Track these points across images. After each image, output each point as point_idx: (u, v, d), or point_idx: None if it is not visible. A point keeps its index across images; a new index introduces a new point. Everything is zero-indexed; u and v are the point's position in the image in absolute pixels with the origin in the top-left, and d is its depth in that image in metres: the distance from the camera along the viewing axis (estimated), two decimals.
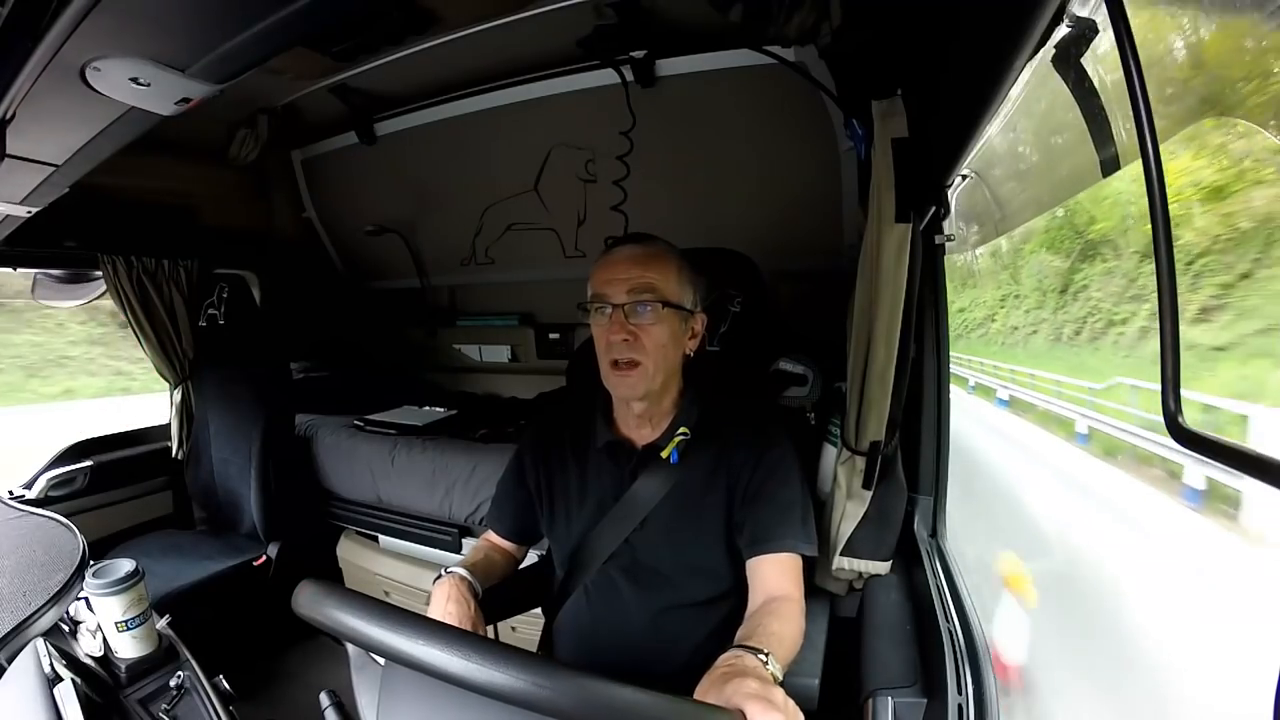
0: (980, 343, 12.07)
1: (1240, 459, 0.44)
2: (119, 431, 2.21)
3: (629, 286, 0.91)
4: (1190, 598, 3.14)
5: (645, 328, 0.91)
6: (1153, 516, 4.15)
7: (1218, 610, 2.97)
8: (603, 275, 0.93)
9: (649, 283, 0.91)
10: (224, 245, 2.29)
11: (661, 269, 0.93)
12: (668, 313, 0.92)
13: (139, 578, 0.99)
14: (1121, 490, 4.71)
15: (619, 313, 0.91)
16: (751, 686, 0.59)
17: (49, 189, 1.03)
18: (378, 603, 0.56)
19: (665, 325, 0.92)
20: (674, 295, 0.93)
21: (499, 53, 1.70)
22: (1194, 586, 3.26)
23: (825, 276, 1.68)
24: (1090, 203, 8.59)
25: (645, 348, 0.91)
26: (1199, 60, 0.75)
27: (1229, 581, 3.22)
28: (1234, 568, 3.37)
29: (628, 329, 0.91)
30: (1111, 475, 5.13)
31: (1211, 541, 3.61)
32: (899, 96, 0.97)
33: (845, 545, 1.13)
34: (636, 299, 0.91)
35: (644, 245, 0.96)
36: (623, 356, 0.92)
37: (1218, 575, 3.36)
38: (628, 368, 0.92)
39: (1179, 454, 3.90)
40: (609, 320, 0.92)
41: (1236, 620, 2.78)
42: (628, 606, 0.97)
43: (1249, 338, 4.25)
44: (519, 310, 2.47)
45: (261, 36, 0.59)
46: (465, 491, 1.82)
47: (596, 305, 0.93)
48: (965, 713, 0.76)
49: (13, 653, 0.88)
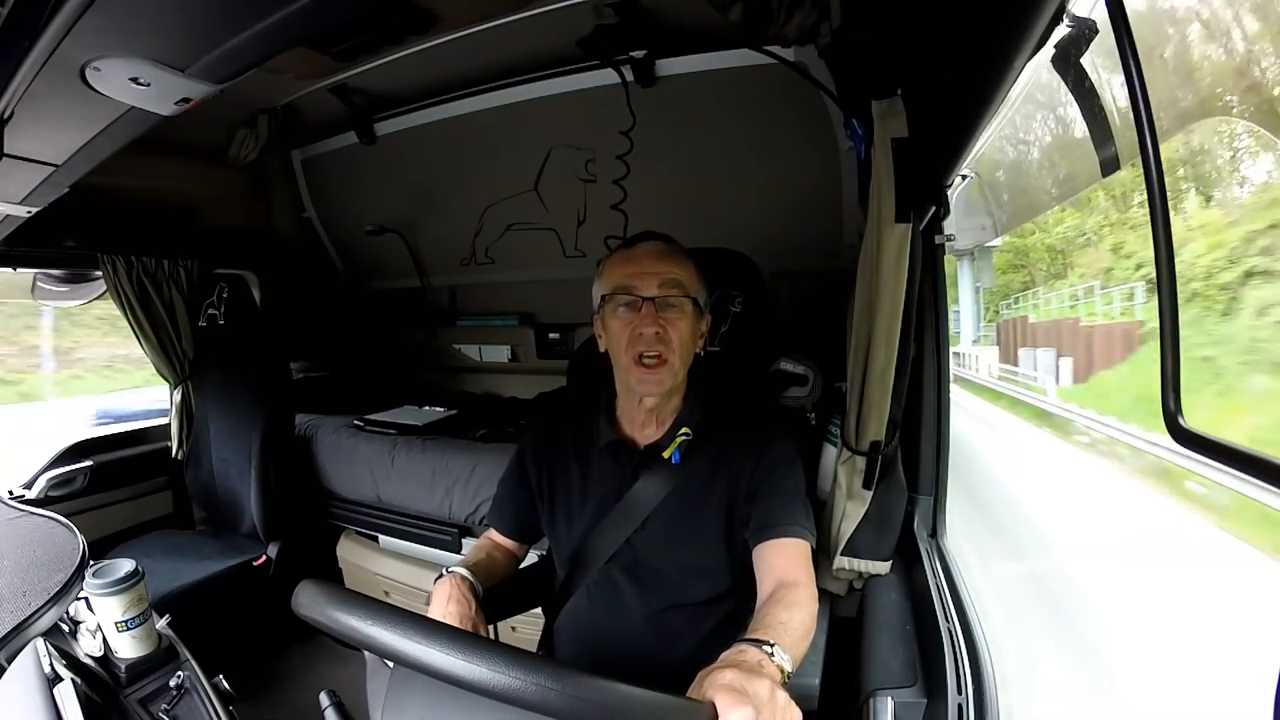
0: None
1: (1240, 459, 0.44)
2: (119, 431, 2.21)
3: (660, 280, 0.92)
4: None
5: (674, 322, 0.92)
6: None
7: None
8: (629, 269, 0.93)
9: (677, 277, 0.93)
10: (224, 245, 2.29)
11: (685, 266, 0.95)
12: (691, 309, 0.94)
13: (139, 578, 0.99)
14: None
15: (650, 305, 0.91)
16: (726, 678, 0.58)
17: (49, 189, 1.03)
18: (378, 603, 0.56)
19: (689, 321, 0.94)
20: (695, 291, 0.95)
21: (499, 53, 1.70)
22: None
23: (825, 276, 1.68)
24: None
25: (672, 342, 0.92)
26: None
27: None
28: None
29: (659, 321, 0.91)
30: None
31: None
32: (899, 96, 0.97)
33: (845, 545, 1.13)
34: (667, 293, 0.92)
35: (665, 242, 0.98)
36: (652, 350, 0.92)
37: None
38: (656, 363, 0.92)
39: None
40: (638, 314, 0.92)
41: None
42: (629, 606, 0.97)
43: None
44: (519, 310, 2.46)
45: (261, 36, 0.59)
46: (465, 491, 1.82)
47: (624, 299, 0.93)
48: (965, 713, 0.76)
49: (13, 653, 0.87)
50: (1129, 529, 3.87)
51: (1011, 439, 6.56)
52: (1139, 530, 3.80)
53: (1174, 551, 3.44)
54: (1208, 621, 2.71)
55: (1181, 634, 2.69)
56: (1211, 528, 3.38)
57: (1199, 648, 2.52)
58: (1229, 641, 2.46)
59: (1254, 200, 5.05)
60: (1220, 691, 2.14)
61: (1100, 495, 4.48)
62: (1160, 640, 2.67)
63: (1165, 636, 2.69)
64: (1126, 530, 3.85)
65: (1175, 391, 0.50)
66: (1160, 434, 3.93)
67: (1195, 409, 0.49)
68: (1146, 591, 3.02)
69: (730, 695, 0.55)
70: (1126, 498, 4.17)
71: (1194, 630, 2.69)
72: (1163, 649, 2.61)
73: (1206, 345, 3.71)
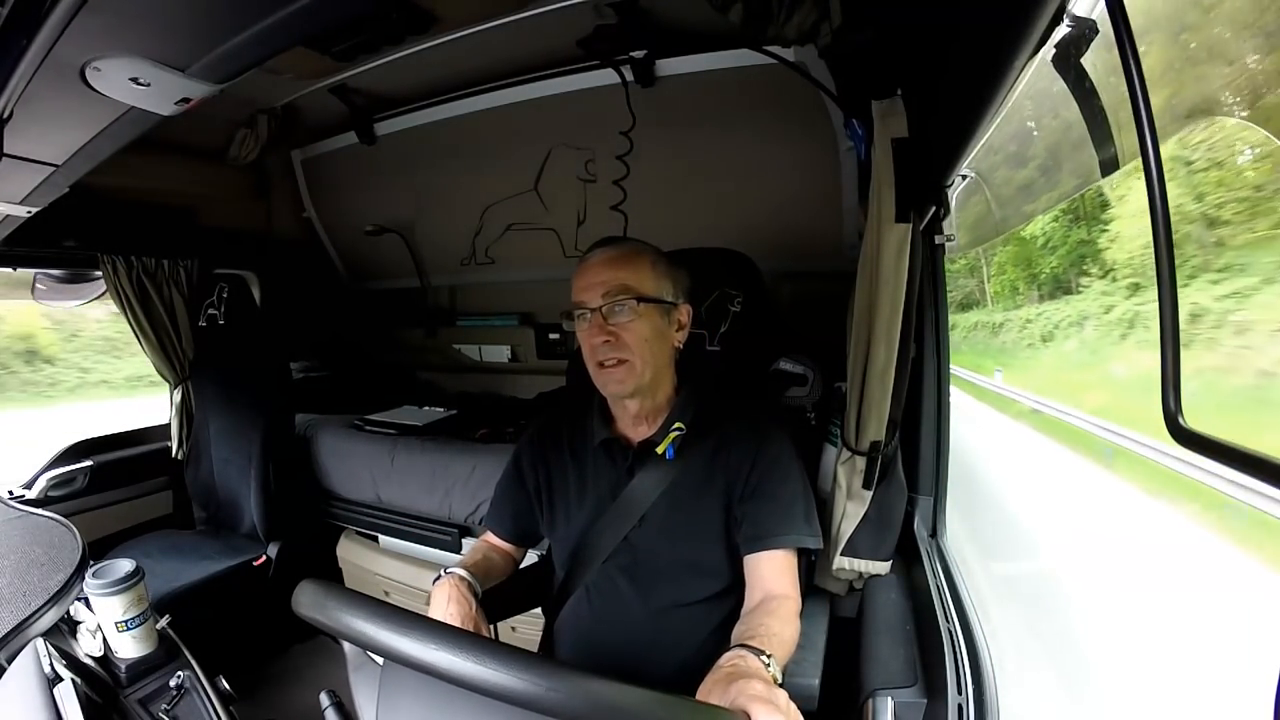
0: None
1: (1240, 459, 0.44)
2: (119, 431, 2.21)
3: (604, 290, 0.93)
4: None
5: (625, 325, 0.93)
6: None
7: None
8: (578, 283, 0.96)
9: (622, 282, 0.93)
10: (224, 245, 2.29)
11: (634, 267, 0.94)
12: (646, 308, 0.93)
13: (139, 578, 0.99)
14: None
15: (597, 315, 0.93)
16: (757, 689, 0.60)
17: (49, 189, 1.03)
18: (378, 603, 0.56)
19: (646, 321, 0.94)
20: (650, 290, 0.94)
21: (499, 53, 1.70)
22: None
23: (825, 276, 1.67)
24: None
25: (629, 345, 0.93)
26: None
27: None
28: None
29: (607, 330, 0.93)
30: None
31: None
32: (899, 96, 0.97)
33: (845, 545, 1.13)
34: (613, 300, 0.92)
35: (614, 247, 0.97)
36: (607, 357, 0.93)
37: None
38: (614, 366, 0.93)
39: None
40: (589, 325, 0.94)
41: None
42: (628, 606, 0.97)
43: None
44: (519, 310, 2.46)
45: (261, 36, 0.59)
46: (465, 491, 1.82)
47: (578, 313, 0.95)
48: (965, 713, 0.76)
49: (13, 653, 0.88)
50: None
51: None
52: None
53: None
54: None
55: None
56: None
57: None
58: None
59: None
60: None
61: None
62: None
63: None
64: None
65: (1175, 391, 0.50)
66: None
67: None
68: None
69: (765, 706, 0.57)
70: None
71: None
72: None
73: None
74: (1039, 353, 4.68)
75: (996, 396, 4.82)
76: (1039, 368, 4.86)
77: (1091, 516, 2.92)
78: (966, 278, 5.32)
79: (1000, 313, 5.36)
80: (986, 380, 5.19)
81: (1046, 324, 4.41)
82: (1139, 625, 1.95)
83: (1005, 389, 4.87)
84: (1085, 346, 3.95)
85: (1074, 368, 4.20)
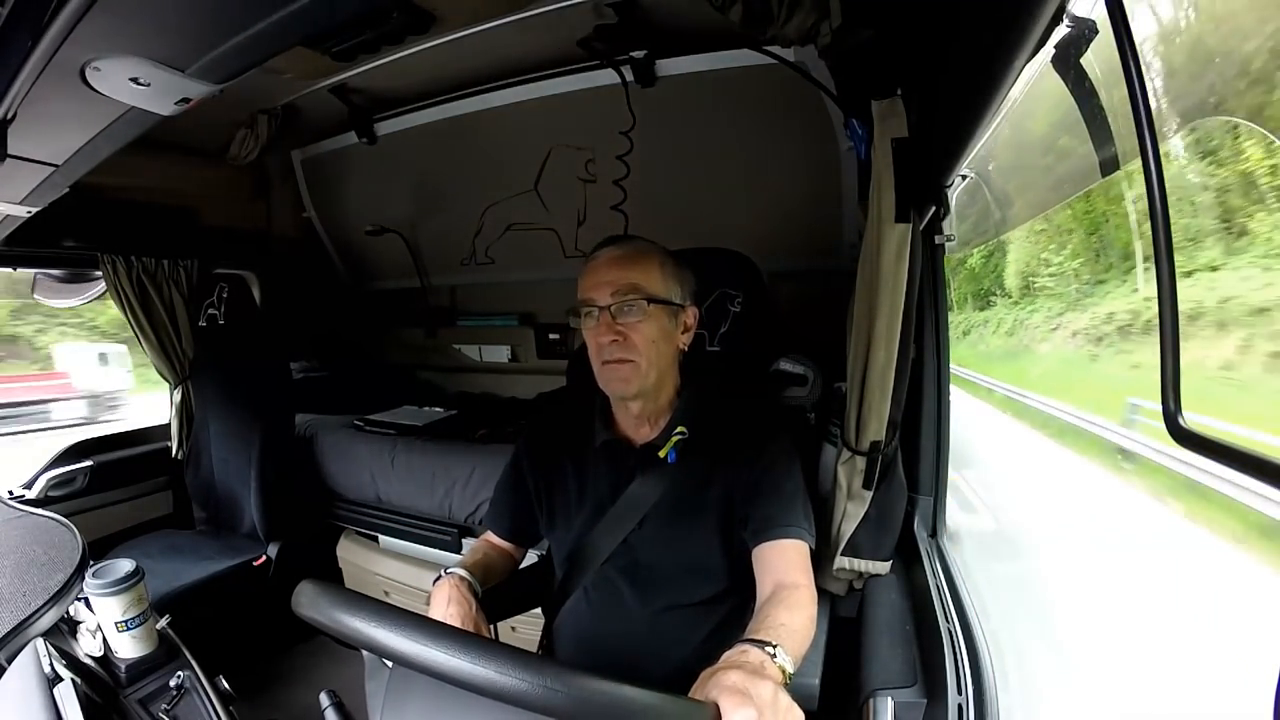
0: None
1: (1240, 459, 0.44)
2: (119, 431, 2.21)
3: (613, 289, 0.92)
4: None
5: (633, 326, 0.92)
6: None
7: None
8: (587, 281, 0.95)
9: (632, 282, 0.92)
10: (224, 245, 2.29)
11: (643, 267, 0.94)
12: (654, 309, 0.93)
13: (139, 578, 0.99)
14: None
15: (606, 314, 0.92)
16: (731, 679, 0.58)
17: (49, 189, 1.03)
18: (378, 603, 0.56)
19: (654, 322, 0.93)
20: (659, 291, 0.94)
21: (499, 53, 1.69)
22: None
23: (825, 276, 1.68)
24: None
25: (636, 345, 0.92)
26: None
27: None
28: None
29: (615, 329, 0.92)
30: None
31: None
32: (899, 96, 0.97)
33: (846, 545, 1.12)
34: (622, 300, 0.92)
35: (624, 246, 0.97)
36: (614, 356, 0.93)
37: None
38: (619, 365, 0.93)
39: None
40: (597, 323, 0.93)
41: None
42: (627, 606, 0.97)
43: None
44: (519, 310, 2.46)
45: (261, 36, 0.59)
46: (465, 492, 1.82)
47: (585, 310, 0.94)
48: (965, 713, 0.76)
49: (13, 653, 0.88)
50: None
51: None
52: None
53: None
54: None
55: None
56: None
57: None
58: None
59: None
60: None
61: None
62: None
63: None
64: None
65: (1175, 391, 0.49)
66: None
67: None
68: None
69: (734, 697, 0.56)
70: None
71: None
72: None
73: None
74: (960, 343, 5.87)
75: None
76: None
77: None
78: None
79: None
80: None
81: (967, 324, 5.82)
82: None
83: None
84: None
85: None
